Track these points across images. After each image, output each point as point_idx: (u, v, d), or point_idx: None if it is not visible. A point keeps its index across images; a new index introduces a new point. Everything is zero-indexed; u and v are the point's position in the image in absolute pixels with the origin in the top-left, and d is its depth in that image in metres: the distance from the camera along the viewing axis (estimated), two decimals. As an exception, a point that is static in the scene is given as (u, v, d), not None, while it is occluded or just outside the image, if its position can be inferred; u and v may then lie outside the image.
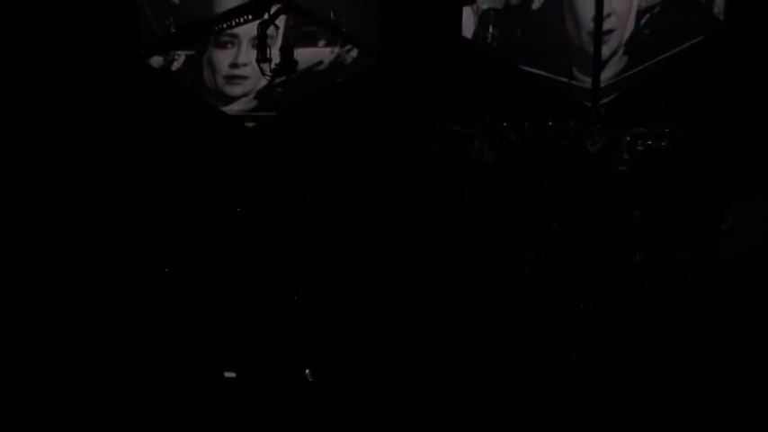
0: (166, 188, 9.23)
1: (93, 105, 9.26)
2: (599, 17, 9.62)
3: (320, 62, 9.55)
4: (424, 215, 9.13)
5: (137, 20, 9.55)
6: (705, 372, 7.37)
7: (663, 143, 9.10)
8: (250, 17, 7.95)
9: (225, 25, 8.12)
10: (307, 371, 7.57)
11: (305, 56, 9.11)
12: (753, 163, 8.91)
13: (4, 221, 8.72)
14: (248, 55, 9.60)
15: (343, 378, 7.55)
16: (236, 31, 9.27)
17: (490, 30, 9.91)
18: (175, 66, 9.73)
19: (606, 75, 9.81)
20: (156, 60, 9.64)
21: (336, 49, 9.83)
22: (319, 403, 7.27)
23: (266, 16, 7.81)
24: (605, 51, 9.76)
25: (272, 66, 8.04)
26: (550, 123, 9.18)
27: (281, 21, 8.18)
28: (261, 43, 7.93)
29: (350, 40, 9.81)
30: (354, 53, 9.89)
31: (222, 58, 9.73)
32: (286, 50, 8.06)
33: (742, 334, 7.82)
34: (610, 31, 9.75)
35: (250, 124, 9.86)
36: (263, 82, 9.65)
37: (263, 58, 7.97)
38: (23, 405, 7.00)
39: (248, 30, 9.03)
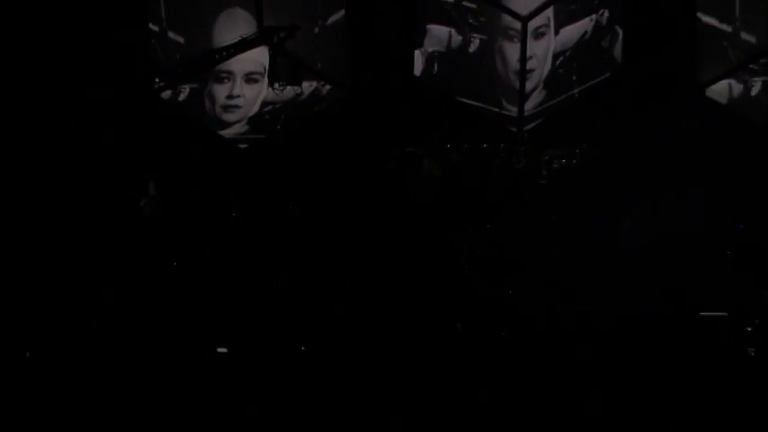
0: (175, 196, 9.87)
1: (116, 129, 9.94)
2: (523, 59, 10.31)
3: (301, 94, 9.72)
4: (384, 219, 9.74)
5: (150, 58, 10.12)
6: (611, 345, 7.89)
7: (574, 161, 9.90)
8: (260, 44, 8.64)
9: (238, 52, 8.71)
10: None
11: (289, 89, 9.25)
12: (646, 176, 9.82)
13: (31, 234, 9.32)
14: (242, 88, 10.25)
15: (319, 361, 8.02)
16: (231, 68, 10.13)
17: (435, 69, 10.46)
18: (181, 97, 10.27)
19: (529, 105, 10.46)
20: (166, 93, 10.15)
21: (314, 84, 10.44)
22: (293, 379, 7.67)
23: (275, 40, 8.55)
24: (528, 86, 10.40)
25: (282, 82, 8.71)
26: (485, 145, 9.95)
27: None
28: (272, 64, 8.60)
29: (325, 77, 10.37)
30: (329, 87, 10.48)
31: (220, 91, 10.34)
32: (293, 70, 8.76)
33: (639, 311, 8.40)
34: (531, 71, 10.38)
35: (243, 145, 10.50)
36: (255, 110, 10.38)
37: (273, 75, 8.62)
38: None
39: (242, 66, 10.06)
